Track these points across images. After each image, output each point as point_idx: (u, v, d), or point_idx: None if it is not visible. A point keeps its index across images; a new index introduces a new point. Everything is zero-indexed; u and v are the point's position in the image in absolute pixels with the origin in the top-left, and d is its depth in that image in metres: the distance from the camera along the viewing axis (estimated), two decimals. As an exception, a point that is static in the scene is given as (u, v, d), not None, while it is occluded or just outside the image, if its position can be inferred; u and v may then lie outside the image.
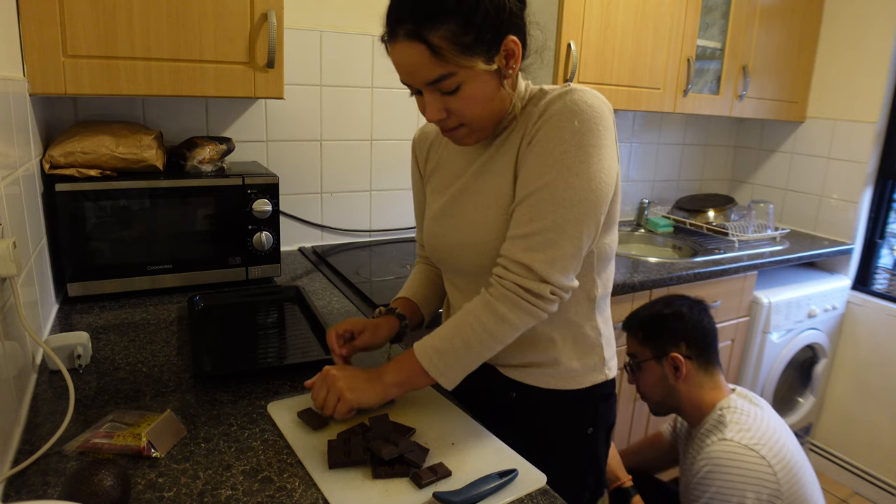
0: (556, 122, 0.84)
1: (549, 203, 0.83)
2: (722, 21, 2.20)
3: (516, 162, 0.90)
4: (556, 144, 0.83)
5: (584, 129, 0.83)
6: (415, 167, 1.14)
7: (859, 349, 2.48)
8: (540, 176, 0.84)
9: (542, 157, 0.84)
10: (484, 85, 0.85)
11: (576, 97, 0.84)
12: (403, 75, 0.87)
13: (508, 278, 0.85)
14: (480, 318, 0.87)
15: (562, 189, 0.83)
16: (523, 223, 0.85)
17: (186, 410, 0.94)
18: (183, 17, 1.27)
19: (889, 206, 2.46)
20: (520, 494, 0.78)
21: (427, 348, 0.88)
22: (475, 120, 0.89)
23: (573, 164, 0.83)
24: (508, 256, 0.86)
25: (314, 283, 1.56)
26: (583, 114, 0.83)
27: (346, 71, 1.82)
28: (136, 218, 1.34)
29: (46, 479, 0.76)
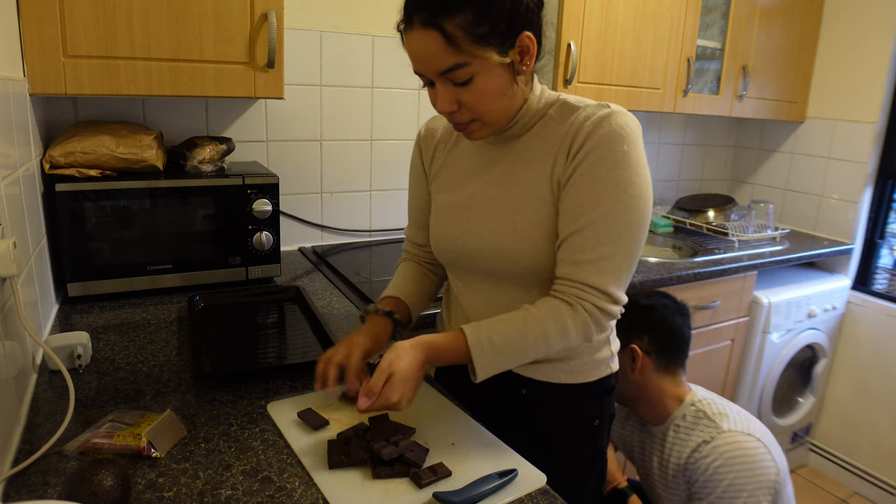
0: (607, 147, 0.86)
1: (613, 227, 0.86)
2: (722, 21, 2.20)
3: (552, 174, 0.90)
4: (610, 169, 0.86)
5: (632, 151, 0.86)
6: (417, 163, 1.13)
7: (859, 349, 2.48)
8: (600, 201, 0.86)
9: (598, 182, 0.86)
10: (497, 78, 0.86)
11: (619, 121, 0.86)
12: (417, 64, 0.88)
13: (589, 300, 0.87)
14: (547, 330, 0.88)
15: (622, 213, 0.86)
16: (590, 248, 0.87)
17: (186, 410, 0.94)
18: (183, 17, 1.27)
19: (889, 206, 2.46)
20: (520, 494, 0.78)
21: (482, 340, 0.88)
22: (487, 113, 0.89)
23: (628, 187, 0.86)
24: (583, 281, 0.87)
25: (314, 283, 1.56)
26: (628, 137, 0.86)
27: (346, 71, 1.82)
28: (136, 218, 1.34)
29: (46, 479, 0.76)
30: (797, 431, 2.53)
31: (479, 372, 0.87)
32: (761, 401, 2.28)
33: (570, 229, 0.88)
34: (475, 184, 0.99)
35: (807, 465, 2.67)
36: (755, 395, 2.26)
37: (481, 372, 0.87)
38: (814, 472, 2.64)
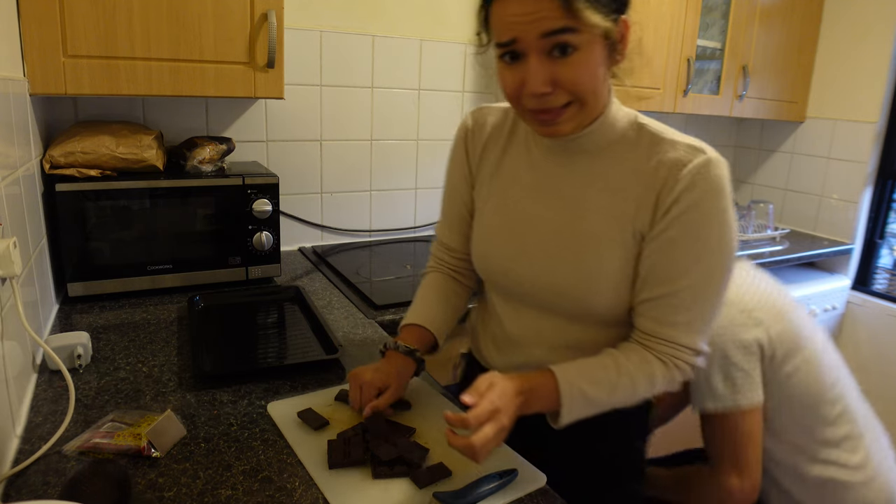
0: (707, 206, 0.80)
1: (709, 288, 0.83)
2: (722, 21, 2.20)
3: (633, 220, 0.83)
4: (711, 229, 0.80)
5: (727, 206, 0.81)
6: (461, 157, 1.03)
7: (859, 349, 2.48)
8: (698, 262, 0.81)
9: (698, 243, 0.81)
10: (597, 57, 0.77)
11: (718, 172, 0.80)
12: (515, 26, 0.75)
13: (683, 359, 0.84)
14: (637, 385, 0.84)
15: (719, 272, 0.82)
16: (685, 309, 0.82)
17: (186, 410, 0.94)
18: (183, 17, 1.27)
19: (889, 206, 2.46)
20: (519, 495, 0.78)
21: (575, 390, 0.82)
22: (586, 94, 0.79)
23: (725, 247, 0.82)
24: (678, 342, 0.83)
25: (314, 283, 1.56)
26: (724, 191, 0.80)
27: (346, 71, 1.82)
28: (136, 218, 1.34)
29: (46, 479, 0.76)
30: (797, 431, 2.53)
31: (561, 419, 0.82)
32: (761, 401, 2.28)
33: (665, 290, 0.82)
34: (535, 204, 0.91)
35: (807, 465, 2.67)
36: (755, 395, 2.25)
37: (564, 419, 0.82)
38: (814, 472, 2.63)
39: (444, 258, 1.09)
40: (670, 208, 0.80)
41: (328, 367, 1.10)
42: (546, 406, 0.82)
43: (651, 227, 0.82)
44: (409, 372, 0.96)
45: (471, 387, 0.78)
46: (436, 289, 1.06)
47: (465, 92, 2.04)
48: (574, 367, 0.84)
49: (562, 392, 0.81)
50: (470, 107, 2.06)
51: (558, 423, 0.83)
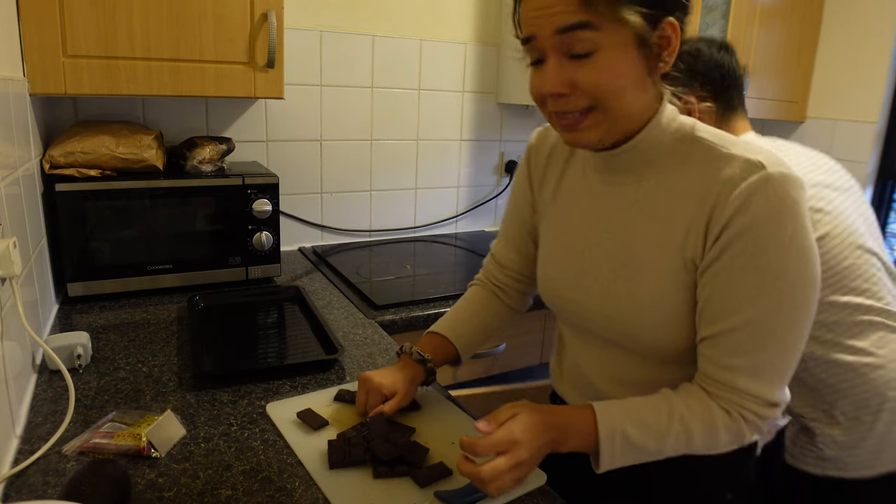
0: (766, 231, 0.68)
1: (776, 328, 0.70)
2: (722, 21, 2.20)
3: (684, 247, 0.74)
4: (771, 257, 0.68)
5: (797, 230, 0.68)
6: (524, 178, 0.97)
7: (859, 349, 2.48)
8: (757, 297, 0.69)
9: (756, 275, 0.69)
10: (625, 59, 0.68)
11: (780, 189, 0.67)
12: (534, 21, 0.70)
13: (750, 409, 0.72)
14: (693, 434, 0.73)
15: (787, 308, 0.70)
16: (745, 352, 0.71)
17: (186, 410, 0.94)
18: (183, 17, 1.27)
19: (889, 206, 2.45)
20: (519, 493, 0.78)
21: (617, 433, 0.72)
22: (610, 99, 0.70)
23: (794, 278, 0.69)
24: (740, 388, 0.71)
25: (314, 283, 1.56)
26: (792, 212, 0.68)
27: (346, 71, 1.82)
28: (136, 218, 1.34)
29: (46, 479, 0.76)
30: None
31: (601, 462, 0.73)
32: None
33: (720, 327, 0.72)
34: (589, 230, 0.84)
35: (807, 465, 2.67)
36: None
37: (603, 464, 0.73)
38: (814, 472, 2.63)
39: (494, 273, 1.04)
40: (720, 234, 0.70)
41: (328, 367, 1.10)
42: (583, 445, 0.74)
43: (703, 257, 0.72)
44: (419, 380, 0.94)
45: (492, 414, 0.74)
46: (475, 303, 1.03)
47: (465, 92, 2.04)
48: (619, 406, 0.75)
49: (601, 434, 0.72)
50: (470, 107, 2.06)
51: (599, 468, 0.73)
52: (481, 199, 2.18)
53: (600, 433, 0.72)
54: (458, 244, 2.01)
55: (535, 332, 1.64)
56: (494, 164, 2.18)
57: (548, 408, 0.75)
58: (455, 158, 2.09)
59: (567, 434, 0.73)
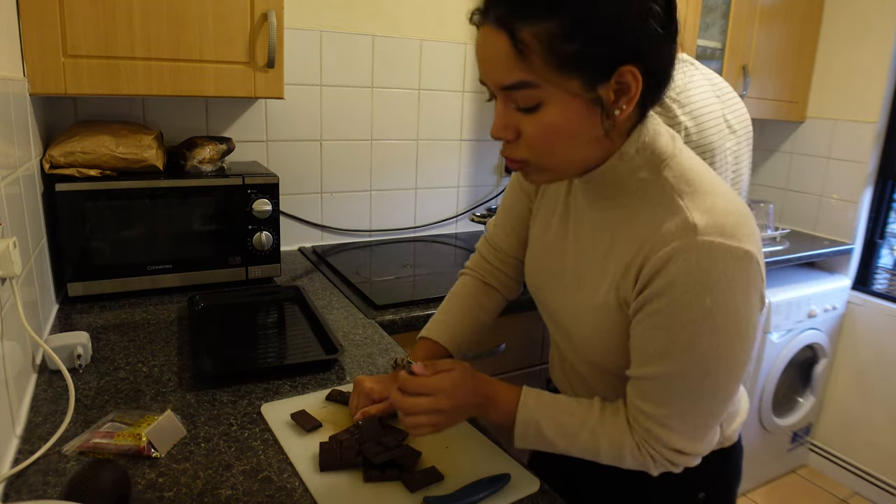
0: (680, 298, 0.65)
1: (682, 390, 0.69)
2: (722, 21, 2.20)
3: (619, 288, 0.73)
4: (683, 326, 0.66)
5: (717, 304, 0.64)
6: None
7: (859, 349, 2.48)
8: (665, 358, 0.68)
9: (666, 336, 0.68)
10: (572, 115, 0.65)
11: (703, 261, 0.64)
12: (481, 69, 0.69)
13: (656, 449, 0.73)
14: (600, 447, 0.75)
15: (696, 377, 0.68)
16: (654, 402, 0.71)
17: (186, 410, 0.94)
18: (183, 17, 1.27)
19: (889, 206, 2.45)
20: (512, 499, 0.78)
21: (532, 422, 0.77)
22: (545, 156, 0.69)
23: (706, 353, 0.66)
24: (649, 430, 0.72)
25: (314, 283, 1.56)
26: (715, 286, 0.64)
27: (346, 71, 1.82)
28: (136, 218, 1.34)
29: (46, 479, 0.76)
30: (797, 431, 2.53)
31: (516, 445, 0.80)
32: (761, 401, 2.28)
33: (635, 372, 0.73)
34: (563, 241, 0.85)
35: (807, 465, 2.67)
36: (755, 395, 2.26)
37: (519, 446, 0.80)
38: (814, 472, 2.64)
39: (488, 258, 1.04)
40: (642, 290, 0.69)
41: (328, 367, 1.10)
42: (501, 421, 0.80)
43: (631, 303, 0.72)
44: None
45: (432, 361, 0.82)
46: (464, 298, 1.03)
47: (465, 92, 2.04)
48: (544, 399, 0.79)
49: (517, 416, 0.78)
50: (470, 107, 2.06)
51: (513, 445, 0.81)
52: (481, 199, 2.18)
53: (517, 417, 0.78)
54: (458, 244, 2.01)
55: (535, 332, 1.64)
56: (494, 164, 2.18)
57: (482, 376, 0.82)
58: (455, 158, 2.09)
59: (489, 404, 0.80)
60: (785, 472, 2.60)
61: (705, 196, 0.69)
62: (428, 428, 0.77)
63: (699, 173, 0.72)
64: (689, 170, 0.72)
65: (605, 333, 0.77)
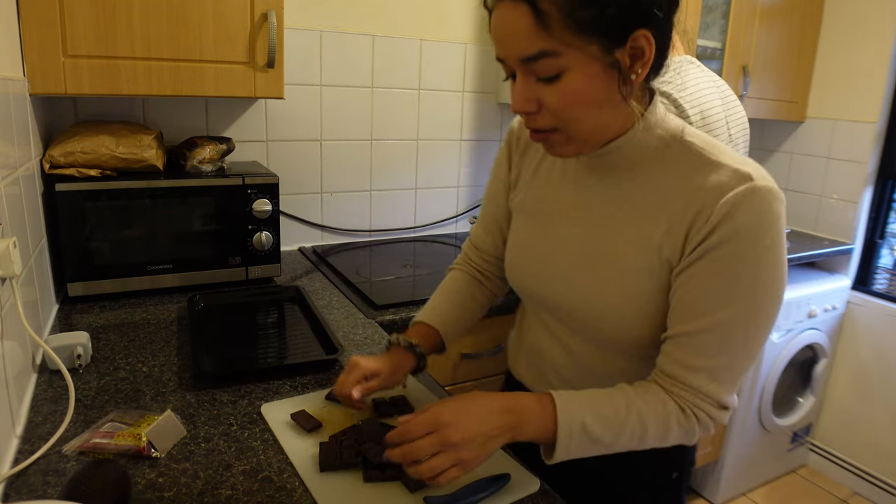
0: (746, 241, 0.69)
1: (741, 334, 0.72)
2: (722, 21, 2.20)
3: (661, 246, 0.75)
4: (746, 268, 0.70)
5: (774, 245, 0.70)
6: (504, 160, 0.97)
7: (859, 349, 2.48)
8: (729, 304, 0.71)
9: (730, 282, 0.71)
10: (592, 80, 0.69)
11: (764, 203, 0.69)
12: (499, 46, 0.71)
13: (703, 409, 0.74)
14: (647, 428, 0.73)
15: (753, 318, 0.72)
16: (708, 354, 0.72)
17: (186, 410, 0.94)
18: (183, 17, 1.27)
19: (889, 206, 2.45)
20: (512, 499, 0.78)
21: (574, 423, 0.71)
22: (573, 123, 0.72)
23: (766, 290, 0.71)
24: (698, 388, 0.73)
25: (314, 283, 1.56)
26: (773, 227, 0.70)
27: (346, 71, 1.82)
28: (136, 218, 1.34)
29: (46, 479, 0.76)
30: (797, 431, 2.53)
31: (556, 454, 0.72)
32: (761, 401, 2.28)
33: (687, 328, 0.73)
34: (565, 221, 0.85)
35: (807, 465, 2.67)
36: (755, 395, 2.26)
37: (559, 455, 0.72)
38: (814, 472, 2.64)
39: (472, 258, 1.05)
40: (703, 240, 0.71)
41: (328, 367, 1.10)
42: (539, 433, 0.72)
43: (680, 258, 0.74)
44: (408, 366, 0.93)
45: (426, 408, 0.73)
46: (454, 289, 1.02)
47: (465, 92, 2.04)
48: (578, 397, 0.74)
49: (559, 422, 0.71)
50: (470, 107, 2.06)
51: (552, 458, 0.73)
52: (481, 199, 2.18)
53: (560, 422, 0.71)
54: (458, 244, 2.01)
55: None
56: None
57: (503, 393, 0.75)
58: (455, 158, 2.09)
59: (524, 419, 0.71)
60: (785, 472, 2.60)
61: (733, 154, 0.75)
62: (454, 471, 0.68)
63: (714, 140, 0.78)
64: (706, 137, 0.77)
65: (635, 306, 0.77)
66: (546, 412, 0.72)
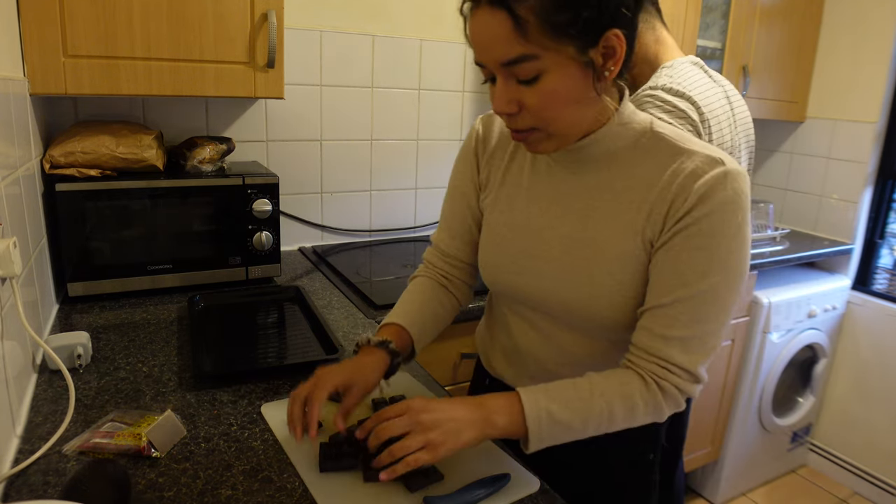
0: (720, 218, 0.75)
1: (713, 306, 0.77)
2: (722, 21, 2.20)
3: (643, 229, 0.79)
4: (720, 242, 0.75)
5: (743, 222, 0.76)
6: (471, 162, 0.98)
7: (859, 349, 2.48)
8: (705, 276, 0.75)
9: (706, 254, 0.75)
10: (570, 80, 0.72)
11: (737, 186, 0.75)
12: (478, 51, 0.74)
13: (669, 380, 0.77)
14: (614, 407, 0.77)
15: (725, 291, 0.76)
16: (682, 325, 0.76)
17: (186, 410, 0.94)
18: (183, 16, 1.27)
19: (889, 206, 2.46)
20: (512, 499, 0.78)
21: (541, 411, 0.75)
22: (553, 121, 0.76)
23: (736, 264, 0.76)
24: (667, 359, 0.77)
25: (314, 283, 1.56)
26: (743, 205, 0.76)
27: (346, 71, 1.82)
28: (136, 218, 1.34)
29: (46, 479, 0.76)
30: (797, 431, 2.53)
31: (530, 443, 0.76)
32: (761, 401, 2.28)
33: (663, 300, 0.77)
34: (544, 216, 0.87)
35: (807, 465, 2.67)
36: (755, 395, 2.26)
37: (532, 444, 0.76)
38: (814, 472, 2.64)
39: (438, 265, 1.02)
40: (681, 219, 0.76)
41: (328, 367, 1.10)
42: (509, 425, 0.76)
43: (659, 237, 0.78)
44: (382, 366, 0.87)
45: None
46: (421, 294, 1.00)
47: (465, 92, 2.04)
48: (543, 388, 0.78)
49: (526, 412, 0.75)
50: (470, 107, 2.06)
51: (528, 448, 0.76)
52: (481, 199, 2.18)
53: (527, 412, 0.75)
54: (458, 244, 2.01)
55: None
56: (494, 164, 2.18)
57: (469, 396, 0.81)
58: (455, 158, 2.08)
59: (492, 411, 0.76)
60: (785, 472, 2.60)
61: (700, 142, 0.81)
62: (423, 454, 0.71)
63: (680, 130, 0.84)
64: (674, 129, 0.83)
65: (623, 289, 0.80)
66: (513, 404, 0.76)
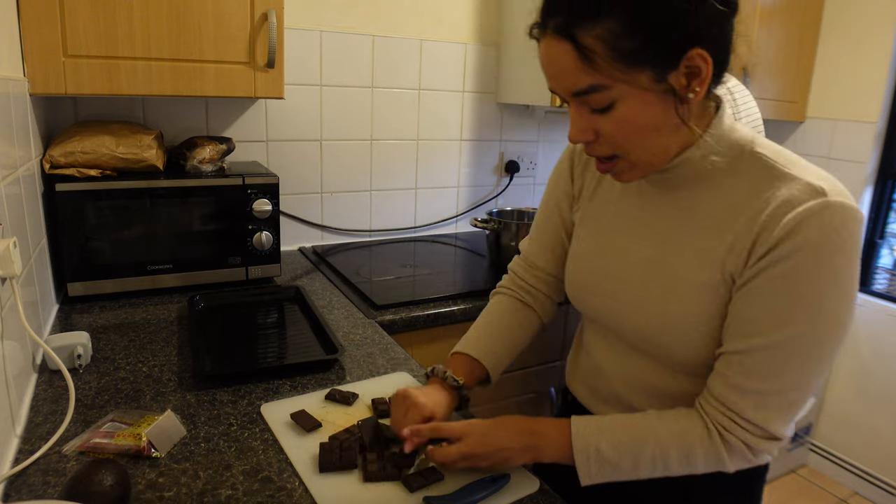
0: (812, 258, 0.65)
1: (796, 359, 0.67)
2: (722, 21, 2.20)
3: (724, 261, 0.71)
4: (810, 286, 0.65)
5: (845, 267, 0.65)
6: (566, 173, 0.94)
7: (859, 349, 2.48)
8: (787, 324, 0.66)
9: (791, 299, 0.66)
10: (647, 107, 0.67)
11: (837, 223, 0.64)
12: (548, 79, 0.70)
13: (737, 434, 0.70)
14: (669, 454, 0.72)
15: (814, 343, 0.67)
16: (758, 376, 0.68)
17: (186, 410, 0.94)
18: (183, 16, 1.27)
19: (889, 206, 2.46)
20: (512, 499, 0.78)
21: (590, 449, 0.73)
22: (632, 151, 0.70)
23: (829, 315, 0.66)
24: (738, 412, 0.69)
25: (314, 283, 1.56)
26: (845, 247, 0.64)
27: (346, 71, 1.82)
28: (136, 218, 1.34)
29: (46, 479, 0.76)
30: (797, 431, 2.53)
31: (583, 480, 0.74)
32: (761, 401, 2.28)
33: (739, 346, 0.69)
34: (625, 235, 0.82)
35: (807, 465, 2.67)
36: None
37: (585, 481, 0.74)
38: (814, 472, 2.64)
39: (524, 277, 1.00)
40: (766, 254, 0.67)
41: (328, 367, 1.10)
42: (558, 457, 0.75)
43: (742, 273, 0.70)
44: (453, 406, 0.89)
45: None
46: (501, 317, 0.97)
47: (465, 92, 2.04)
48: (597, 422, 0.75)
49: (574, 447, 0.73)
50: (470, 107, 2.06)
51: (581, 481, 0.75)
52: (481, 199, 2.18)
53: (574, 447, 0.74)
54: (458, 244, 2.01)
55: (555, 329, 1.64)
56: (494, 164, 2.18)
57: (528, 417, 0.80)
58: (455, 158, 2.09)
59: (540, 441, 0.77)
60: (785, 472, 2.60)
61: (807, 166, 0.71)
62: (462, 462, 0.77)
63: (786, 150, 0.74)
64: (777, 148, 0.74)
65: (699, 323, 0.73)
66: (563, 437, 0.75)
